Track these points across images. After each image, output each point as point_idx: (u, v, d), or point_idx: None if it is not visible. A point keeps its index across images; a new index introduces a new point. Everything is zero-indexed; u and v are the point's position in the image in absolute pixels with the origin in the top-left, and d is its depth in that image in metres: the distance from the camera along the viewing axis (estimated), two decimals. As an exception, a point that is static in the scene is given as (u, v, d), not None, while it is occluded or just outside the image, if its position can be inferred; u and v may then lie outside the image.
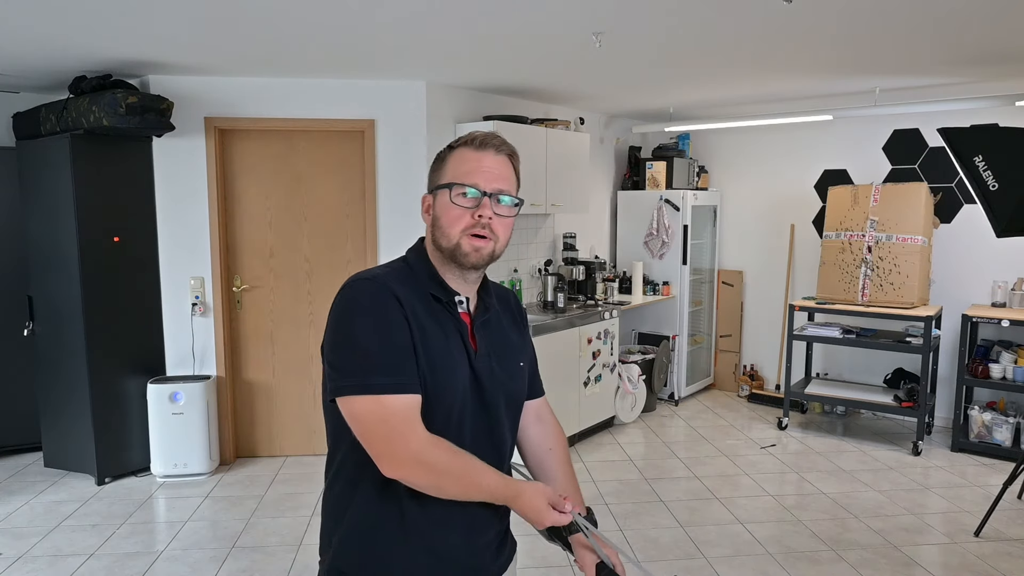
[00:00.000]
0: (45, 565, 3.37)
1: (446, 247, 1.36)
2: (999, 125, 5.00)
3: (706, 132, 6.47)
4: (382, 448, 1.26)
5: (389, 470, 1.26)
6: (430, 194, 1.40)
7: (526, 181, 4.80)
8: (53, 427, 4.48)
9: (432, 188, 1.40)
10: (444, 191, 1.36)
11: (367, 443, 1.27)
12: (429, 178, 1.42)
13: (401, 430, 1.25)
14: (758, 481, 4.41)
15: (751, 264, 6.42)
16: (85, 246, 4.16)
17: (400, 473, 1.26)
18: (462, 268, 1.37)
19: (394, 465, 1.26)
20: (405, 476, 1.27)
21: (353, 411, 1.27)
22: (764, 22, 3.13)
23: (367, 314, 1.28)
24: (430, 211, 1.40)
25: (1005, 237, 3.81)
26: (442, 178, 1.38)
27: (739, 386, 6.39)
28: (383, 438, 1.25)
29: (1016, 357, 4.81)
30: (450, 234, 1.35)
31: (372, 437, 1.26)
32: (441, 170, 1.39)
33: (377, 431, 1.25)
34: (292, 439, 4.80)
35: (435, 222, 1.37)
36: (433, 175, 1.41)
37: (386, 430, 1.25)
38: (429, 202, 1.40)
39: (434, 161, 1.43)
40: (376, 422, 1.25)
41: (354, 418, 1.27)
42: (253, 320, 4.70)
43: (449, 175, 1.36)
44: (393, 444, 1.25)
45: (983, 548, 3.54)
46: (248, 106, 4.46)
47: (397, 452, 1.25)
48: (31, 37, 3.33)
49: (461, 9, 2.91)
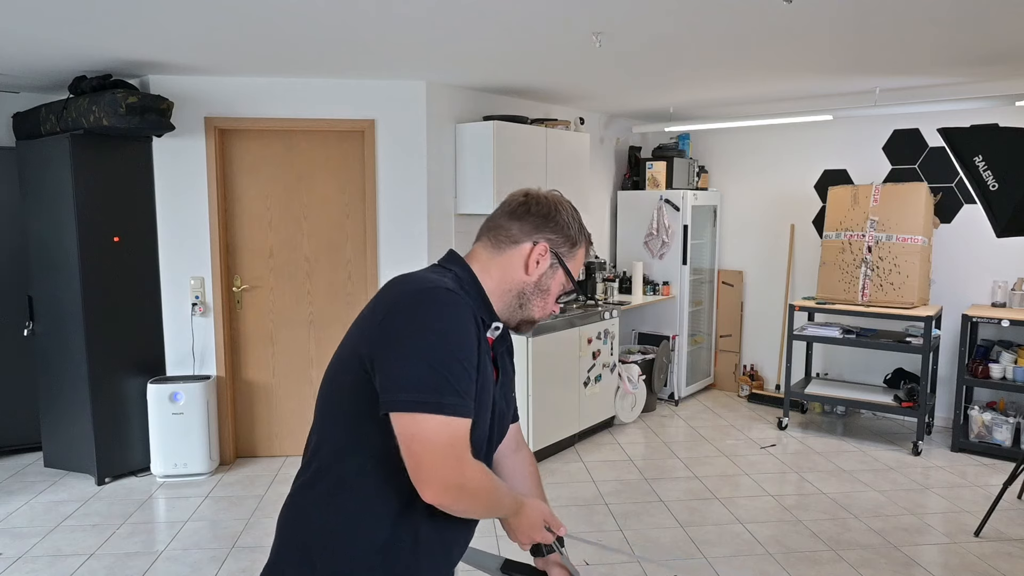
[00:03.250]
0: (45, 565, 3.37)
1: (534, 317, 1.43)
2: (999, 125, 5.00)
3: (706, 132, 6.47)
4: (434, 472, 1.18)
5: (432, 494, 1.19)
6: (552, 255, 1.39)
7: (526, 181, 4.80)
8: (53, 427, 4.48)
9: (556, 253, 1.40)
10: (563, 274, 1.42)
11: (419, 464, 1.18)
12: (553, 232, 1.39)
13: (460, 455, 1.21)
14: (758, 481, 4.41)
15: (751, 264, 6.42)
16: (85, 246, 4.16)
17: (442, 498, 1.20)
18: (515, 329, 1.45)
19: (439, 489, 1.19)
20: (445, 500, 1.21)
21: (417, 430, 1.18)
22: (764, 22, 3.13)
23: (451, 329, 1.23)
24: (539, 265, 1.39)
25: (1005, 237, 3.81)
26: (569, 261, 1.42)
27: (739, 386, 6.39)
28: (440, 461, 1.18)
29: (1016, 357, 4.81)
30: (543, 310, 1.43)
31: (429, 458, 1.18)
32: (571, 249, 1.42)
33: (437, 453, 1.18)
34: (292, 439, 4.80)
35: (539, 286, 1.40)
36: (561, 241, 1.40)
37: (449, 454, 1.19)
38: (544, 261, 1.39)
39: (566, 226, 1.40)
40: (442, 445, 1.18)
41: (416, 437, 1.18)
42: (253, 320, 4.71)
43: (573, 266, 1.43)
44: (448, 469, 1.19)
45: (983, 548, 3.54)
46: (248, 106, 4.46)
47: (449, 477, 1.19)
48: (31, 37, 3.33)
49: (461, 9, 2.91)
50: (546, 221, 1.39)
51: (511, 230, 1.39)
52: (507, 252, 1.39)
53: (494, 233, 1.41)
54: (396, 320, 1.23)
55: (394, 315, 1.24)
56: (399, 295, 1.28)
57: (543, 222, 1.38)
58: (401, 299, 1.26)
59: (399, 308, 1.25)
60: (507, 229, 1.39)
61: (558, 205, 1.41)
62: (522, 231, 1.38)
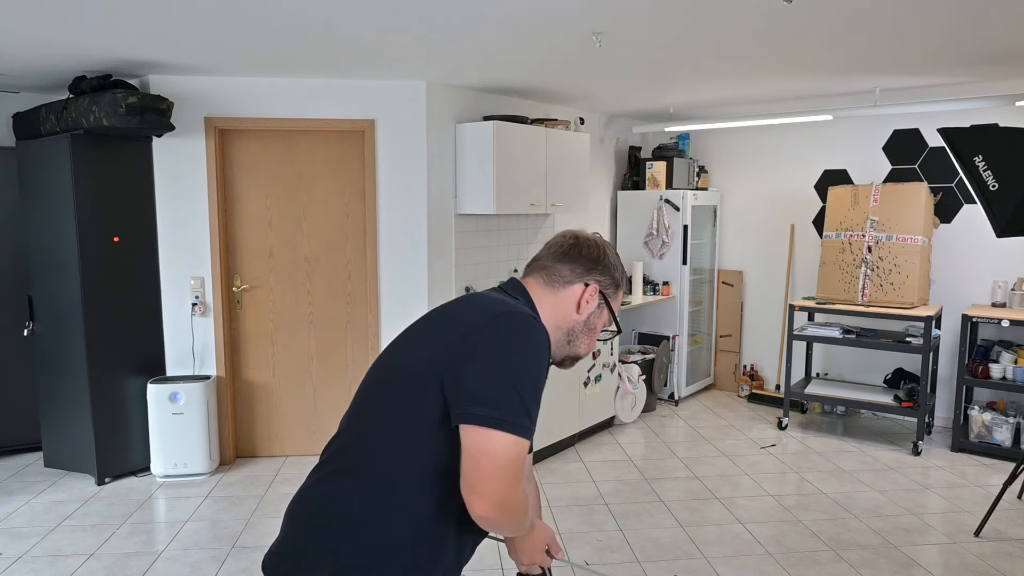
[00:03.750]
0: (45, 565, 3.37)
1: (580, 353, 1.51)
2: (999, 125, 5.00)
3: (706, 132, 6.47)
4: (493, 488, 1.23)
5: (482, 507, 1.24)
6: (600, 295, 1.49)
7: (526, 181, 4.80)
8: (53, 427, 4.48)
9: (603, 293, 1.49)
10: (607, 314, 1.51)
11: (481, 478, 1.23)
12: (601, 274, 1.48)
13: (518, 476, 1.26)
14: (758, 481, 4.41)
15: (751, 264, 6.42)
16: (85, 246, 4.16)
17: (490, 512, 1.25)
18: (559, 364, 1.53)
19: (491, 505, 1.24)
20: (492, 515, 1.25)
21: (490, 446, 1.23)
22: (764, 22, 3.13)
23: (540, 357, 1.31)
24: (588, 305, 1.48)
25: (1005, 237, 3.81)
26: (613, 301, 1.52)
27: (739, 386, 6.39)
28: (501, 479, 1.23)
29: (1016, 357, 4.81)
30: (588, 347, 1.52)
31: (492, 475, 1.23)
32: (615, 290, 1.51)
33: (501, 470, 1.23)
34: (292, 439, 4.80)
35: (587, 325, 1.49)
36: (608, 282, 1.49)
37: (511, 472, 1.24)
38: (593, 301, 1.48)
39: (612, 268, 1.50)
40: (508, 463, 1.23)
41: (487, 453, 1.23)
42: (253, 320, 4.71)
43: (615, 306, 1.53)
44: (506, 487, 1.24)
45: (983, 548, 3.54)
46: (248, 106, 4.46)
47: (503, 495, 1.24)
48: (31, 37, 3.33)
49: (461, 9, 2.91)
50: (596, 264, 1.48)
51: (563, 271, 1.48)
52: (561, 292, 1.47)
53: (546, 273, 1.49)
54: (485, 338, 1.29)
55: (483, 332, 1.30)
56: (487, 314, 1.33)
57: (593, 264, 1.48)
58: (490, 319, 1.32)
59: (490, 327, 1.31)
60: (559, 270, 1.48)
61: (605, 249, 1.51)
62: (574, 273, 1.47)
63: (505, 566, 3.34)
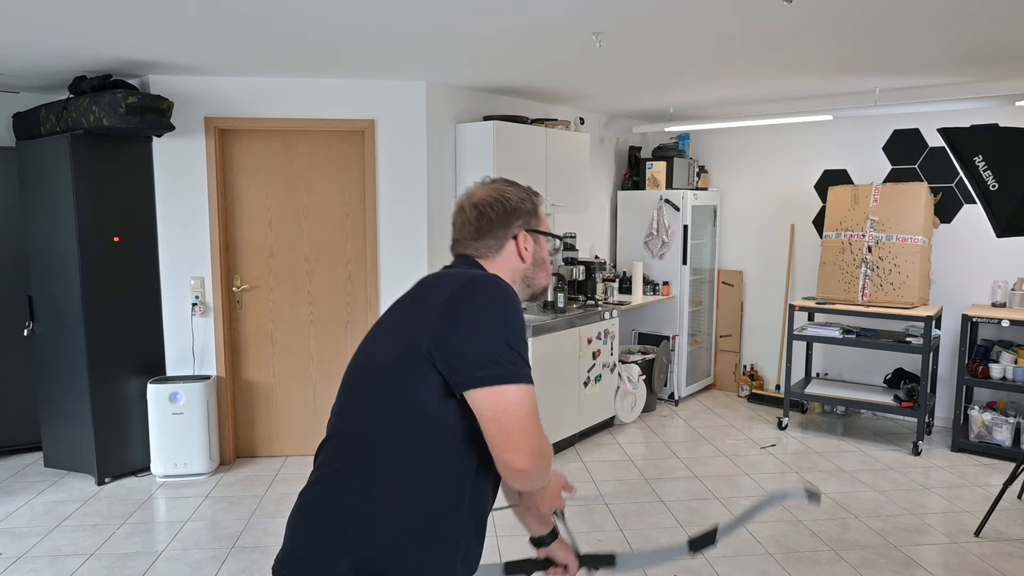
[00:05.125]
0: (45, 565, 3.37)
1: (543, 285, 1.56)
2: (999, 125, 5.00)
3: (706, 132, 6.47)
4: (525, 439, 1.28)
5: (521, 460, 1.27)
6: (529, 235, 1.52)
7: (526, 181, 4.79)
8: (53, 427, 4.48)
9: (532, 230, 1.52)
10: (544, 238, 1.55)
11: (509, 434, 1.27)
12: (517, 218, 1.51)
13: (539, 420, 1.32)
14: (758, 481, 4.41)
15: (751, 264, 6.42)
16: (85, 246, 4.16)
17: (529, 463, 1.28)
18: (533, 300, 1.58)
19: (527, 455, 1.28)
20: (531, 465, 1.29)
21: (505, 402, 1.27)
22: (764, 22, 3.13)
23: (513, 309, 1.36)
24: (528, 249, 1.52)
25: (1005, 237, 3.81)
26: (542, 226, 1.55)
27: (739, 386, 6.39)
28: (529, 428, 1.28)
29: (1016, 357, 4.81)
30: (547, 276, 1.57)
31: (520, 427, 1.27)
32: (537, 217, 1.54)
33: (524, 421, 1.28)
34: (292, 439, 4.80)
35: (540, 263, 1.54)
36: (527, 218, 1.52)
37: (532, 419, 1.29)
38: (529, 242, 1.52)
39: (521, 203, 1.51)
40: (527, 412, 1.28)
41: (504, 410, 1.27)
42: (253, 320, 4.70)
43: (545, 225, 1.56)
44: (535, 435, 1.29)
45: (983, 548, 3.54)
46: (248, 106, 4.46)
47: (535, 443, 1.29)
48: (31, 37, 3.33)
49: (461, 9, 2.91)
50: (507, 215, 1.50)
51: (488, 243, 1.50)
52: (499, 257, 1.51)
53: (476, 251, 1.51)
54: (465, 303, 1.33)
55: (460, 298, 1.34)
56: (456, 283, 1.37)
57: (506, 218, 1.50)
58: (462, 285, 1.36)
59: (465, 292, 1.35)
60: (485, 244, 1.50)
61: (503, 192, 1.51)
62: (498, 238, 1.50)
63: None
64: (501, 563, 1.64)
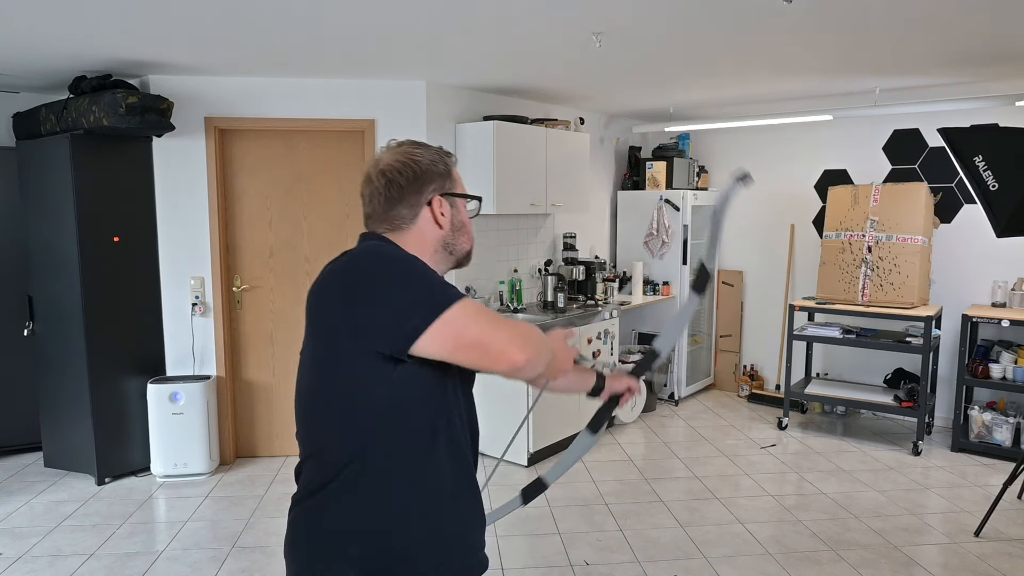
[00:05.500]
0: (45, 565, 3.37)
1: (466, 250, 1.49)
2: (999, 125, 5.00)
3: (706, 132, 6.46)
4: (500, 341, 1.23)
5: (514, 359, 1.23)
6: (443, 199, 1.44)
7: (526, 181, 4.80)
8: (53, 427, 4.48)
9: (447, 194, 1.45)
10: (462, 201, 1.47)
11: (486, 347, 1.22)
12: (430, 182, 1.43)
13: (495, 316, 1.26)
14: (758, 481, 4.41)
15: (751, 264, 6.42)
16: (85, 246, 4.16)
17: (524, 355, 1.23)
18: (459, 267, 1.51)
19: (516, 350, 1.23)
20: (529, 356, 1.23)
21: (456, 327, 1.22)
22: (764, 22, 3.13)
23: (409, 258, 1.33)
24: (444, 215, 1.44)
25: (1005, 237, 3.81)
26: (456, 187, 1.46)
27: (739, 386, 6.39)
28: (496, 330, 1.23)
29: (1016, 357, 4.81)
30: (469, 239, 1.49)
31: (487, 335, 1.22)
32: (451, 179, 1.45)
33: (487, 325, 1.23)
34: (292, 439, 4.79)
35: (460, 227, 1.47)
36: (441, 181, 1.44)
37: (492, 319, 1.24)
38: (445, 207, 1.44)
39: (432, 165, 1.43)
40: (483, 317, 1.24)
41: (461, 333, 1.22)
42: (253, 320, 4.70)
43: (461, 187, 1.48)
44: (506, 330, 1.24)
45: (983, 548, 3.54)
46: (248, 106, 4.46)
47: (512, 336, 1.23)
48: (31, 37, 3.33)
49: (461, 9, 2.91)
50: (418, 180, 1.41)
51: (401, 212, 1.41)
52: (413, 227, 1.42)
53: (388, 223, 1.43)
54: (361, 274, 1.28)
55: (351, 276, 1.29)
56: (337, 265, 1.33)
57: (417, 184, 1.41)
58: (345, 264, 1.32)
59: (349, 268, 1.30)
60: (398, 214, 1.41)
61: (412, 156, 1.42)
62: (410, 205, 1.41)
63: (505, 566, 3.34)
64: (585, 431, 1.79)
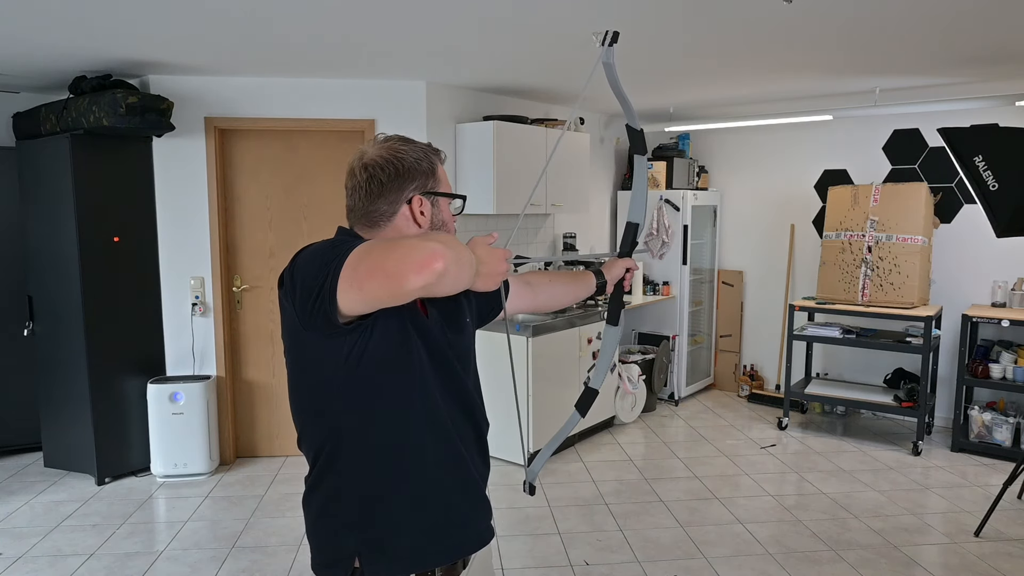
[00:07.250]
0: (45, 565, 3.37)
1: None
2: (999, 125, 5.00)
3: (706, 132, 6.46)
4: (399, 254, 1.12)
5: (421, 266, 1.09)
6: (424, 197, 1.41)
7: (527, 181, 4.80)
8: (53, 427, 4.48)
9: (428, 193, 1.41)
10: (445, 200, 1.44)
11: (384, 271, 1.12)
12: (412, 180, 1.39)
13: (388, 244, 1.18)
14: (758, 481, 4.41)
15: (751, 264, 6.41)
16: (85, 246, 4.16)
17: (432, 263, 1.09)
18: None
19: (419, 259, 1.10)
20: (438, 266, 1.10)
21: (352, 261, 1.16)
22: (764, 23, 3.13)
23: (339, 239, 1.35)
24: (424, 214, 1.41)
25: (1005, 237, 3.81)
26: (440, 186, 1.43)
27: (739, 386, 6.39)
28: (388, 249, 1.14)
29: (1016, 357, 4.81)
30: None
31: (381, 259, 1.13)
32: (435, 177, 1.42)
33: (375, 254, 1.15)
34: (292, 439, 4.80)
35: (440, 226, 1.44)
36: (424, 180, 1.41)
37: (379, 248, 1.16)
38: (426, 207, 1.41)
39: (417, 163, 1.40)
40: (370, 248, 1.17)
41: (355, 265, 1.16)
42: (253, 320, 4.70)
43: (445, 186, 1.44)
44: (400, 250, 1.13)
45: (983, 548, 3.54)
46: (248, 106, 4.46)
47: (405, 251, 1.12)
48: (31, 37, 3.33)
49: (462, 9, 2.91)
50: (401, 178, 1.39)
51: (380, 208, 1.39)
52: (390, 225, 1.41)
53: (367, 218, 1.41)
54: (293, 271, 1.29)
55: (293, 270, 1.29)
56: (289, 266, 1.35)
57: (399, 181, 1.38)
58: (293, 260, 1.33)
59: (293, 263, 1.31)
60: (377, 209, 1.39)
61: (396, 152, 1.39)
62: (390, 201, 1.39)
63: (505, 566, 3.34)
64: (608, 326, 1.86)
